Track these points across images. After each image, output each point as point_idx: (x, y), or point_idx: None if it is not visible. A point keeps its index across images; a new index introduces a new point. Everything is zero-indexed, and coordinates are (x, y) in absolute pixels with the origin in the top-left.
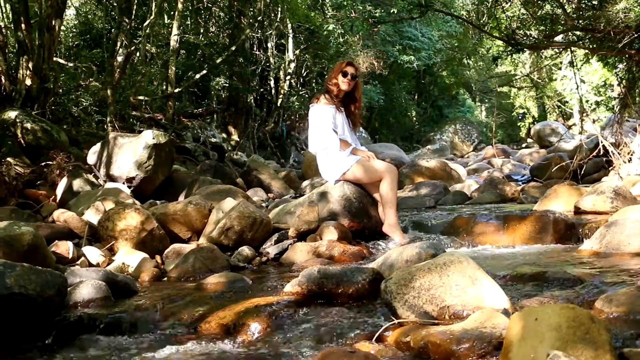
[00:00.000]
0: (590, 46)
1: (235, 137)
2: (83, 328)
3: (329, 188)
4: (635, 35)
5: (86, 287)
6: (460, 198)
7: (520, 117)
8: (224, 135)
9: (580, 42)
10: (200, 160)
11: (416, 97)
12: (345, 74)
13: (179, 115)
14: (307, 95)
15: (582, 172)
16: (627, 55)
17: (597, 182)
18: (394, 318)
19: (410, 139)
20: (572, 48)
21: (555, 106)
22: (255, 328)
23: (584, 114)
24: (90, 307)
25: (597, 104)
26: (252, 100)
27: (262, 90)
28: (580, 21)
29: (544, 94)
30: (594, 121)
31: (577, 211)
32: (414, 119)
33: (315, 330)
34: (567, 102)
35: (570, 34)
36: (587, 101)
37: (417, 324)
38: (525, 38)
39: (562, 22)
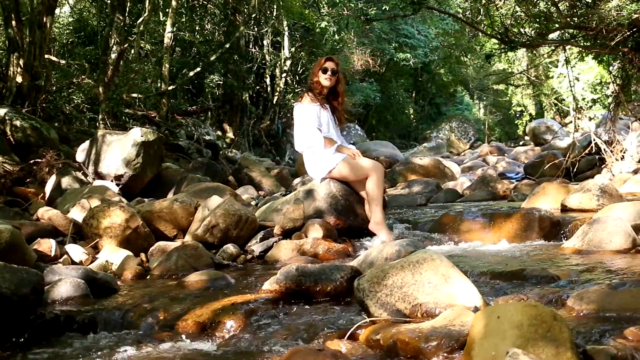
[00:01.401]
0: (584, 44)
1: (230, 134)
2: (59, 326)
3: (316, 186)
4: (628, 33)
5: (64, 285)
6: (451, 196)
7: (517, 115)
8: (219, 132)
9: (574, 40)
10: (193, 157)
11: (414, 94)
12: (325, 71)
13: (173, 113)
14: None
15: (576, 169)
16: (620, 53)
17: (589, 180)
18: (365, 316)
19: (408, 137)
20: (566, 46)
21: (552, 104)
22: (230, 326)
23: (578, 112)
24: (68, 305)
25: (594, 101)
26: (248, 98)
27: (258, 87)
28: (573, 19)
29: (541, 92)
30: (590, 119)
31: (564, 209)
32: (412, 116)
33: (290, 328)
34: (563, 100)
35: (564, 31)
36: (583, 99)
37: (389, 322)
38: (519, 36)
39: (556, 20)
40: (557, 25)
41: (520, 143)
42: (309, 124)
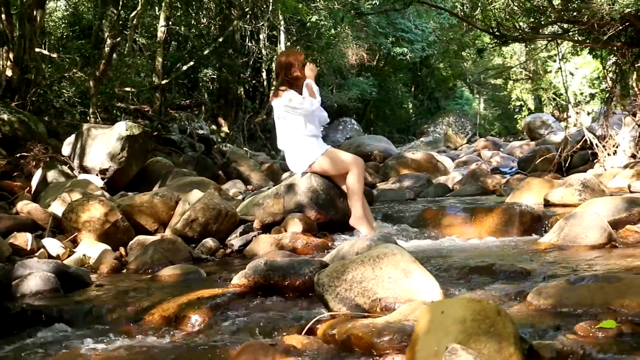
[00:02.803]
0: (578, 38)
1: (225, 128)
2: (25, 320)
3: (297, 180)
4: (621, 28)
5: (34, 279)
6: (441, 190)
7: (517, 110)
8: (214, 127)
9: (567, 35)
10: (186, 152)
11: (413, 89)
12: (303, 67)
13: (167, 107)
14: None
15: (569, 164)
16: (614, 48)
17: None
18: (324, 311)
19: (407, 131)
20: (559, 40)
21: (551, 98)
22: (195, 320)
23: (576, 106)
24: (36, 299)
25: (592, 96)
26: (243, 92)
27: (254, 82)
28: (566, 13)
29: (539, 87)
30: (588, 113)
31: (547, 203)
32: (411, 111)
33: (252, 323)
34: (562, 94)
35: (557, 26)
36: (581, 93)
37: (348, 316)
38: (512, 30)
39: (549, 14)
40: (550, 20)
41: (519, 138)
42: (296, 100)
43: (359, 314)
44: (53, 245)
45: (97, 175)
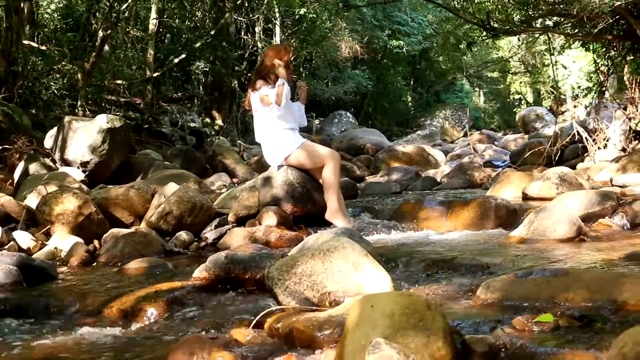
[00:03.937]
0: (569, 31)
1: (219, 121)
2: None
3: (273, 173)
4: (612, 21)
5: None
6: (429, 184)
7: (516, 103)
8: (208, 120)
9: (558, 28)
10: (177, 145)
11: (412, 82)
12: (288, 66)
13: (159, 100)
14: (294, 80)
15: (561, 158)
16: (605, 41)
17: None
18: (272, 305)
19: (406, 125)
20: (552, 33)
21: (549, 92)
22: (150, 313)
23: (567, 99)
24: None
25: (589, 89)
26: (238, 85)
27: (249, 74)
28: (557, 6)
29: (537, 80)
30: (586, 107)
31: (525, 197)
32: (410, 104)
33: (205, 316)
34: (559, 87)
35: (548, 19)
36: (579, 86)
37: (297, 310)
38: (504, 23)
39: (540, 7)
40: (541, 12)
41: (518, 131)
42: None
43: (307, 308)
44: (24, 238)
45: (78, 168)
